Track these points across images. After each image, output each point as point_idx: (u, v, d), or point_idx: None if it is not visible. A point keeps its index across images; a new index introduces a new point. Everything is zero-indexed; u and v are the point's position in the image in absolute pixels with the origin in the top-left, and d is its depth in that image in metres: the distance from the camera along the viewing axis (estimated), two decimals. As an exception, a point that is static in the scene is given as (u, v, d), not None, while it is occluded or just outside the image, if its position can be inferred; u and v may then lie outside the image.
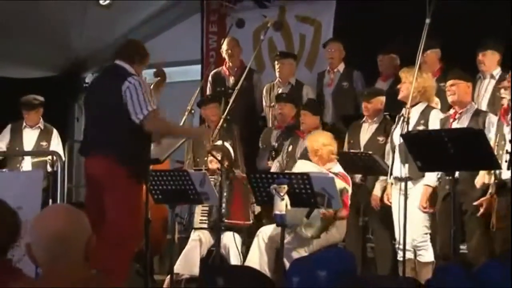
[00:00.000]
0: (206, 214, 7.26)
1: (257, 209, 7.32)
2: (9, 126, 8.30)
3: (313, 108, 7.56)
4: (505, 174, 5.89)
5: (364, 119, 7.12)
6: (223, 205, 7.00)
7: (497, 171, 5.95)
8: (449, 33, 7.24)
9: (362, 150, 6.86)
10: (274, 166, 7.42)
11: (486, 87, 7.00)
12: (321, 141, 6.80)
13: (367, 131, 7.05)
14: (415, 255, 6.37)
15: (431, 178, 6.29)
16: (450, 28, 7.20)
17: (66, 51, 9.79)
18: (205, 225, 7.17)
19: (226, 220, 7.06)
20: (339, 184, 6.40)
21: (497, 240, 6.05)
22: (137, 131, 5.33)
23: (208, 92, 8.58)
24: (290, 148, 7.42)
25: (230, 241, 6.98)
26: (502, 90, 6.30)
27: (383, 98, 7.10)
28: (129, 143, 5.34)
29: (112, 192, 5.23)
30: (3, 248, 2.89)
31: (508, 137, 5.88)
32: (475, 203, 6.03)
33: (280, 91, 8.26)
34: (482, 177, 6.04)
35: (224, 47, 8.61)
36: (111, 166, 5.26)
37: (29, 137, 8.25)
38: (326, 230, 6.54)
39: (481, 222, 6.13)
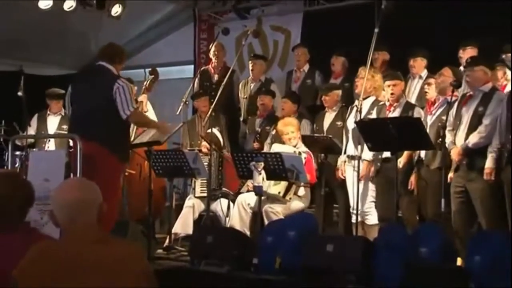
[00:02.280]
0: (205, 185, 7.22)
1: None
2: (36, 115, 8.25)
3: (293, 97, 7.55)
4: (422, 152, 5.95)
5: (326, 109, 7.15)
6: (217, 177, 7.05)
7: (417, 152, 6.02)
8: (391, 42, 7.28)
9: (325, 134, 6.88)
10: (266, 148, 7.37)
11: (415, 85, 7.08)
12: (289, 128, 6.82)
13: (328, 118, 7.08)
14: (363, 219, 6.39)
15: (368, 154, 6.27)
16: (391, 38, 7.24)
17: (84, 53, 9.72)
18: (205, 194, 7.11)
19: (224, 188, 7.06)
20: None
21: (422, 205, 6.10)
22: (120, 122, 5.35)
23: (196, 85, 8.53)
24: (274, 132, 7.40)
25: (225, 206, 6.97)
26: (426, 86, 6.38)
27: (339, 92, 7.17)
28: (114, 131, 5.35)
29: (99, 171, 5.04)
30: (23, 213, 2.86)
31: (428, 124, 5.92)
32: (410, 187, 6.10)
33: (252, 86, 8.26)
34: (404, 159, 6.07)
35: (212, 49, 8.59)
36: (99, 149, 5.21)
37: (53, 123, 8.20)
38: (291, 190, 6.55)
39: (408, 192, 6.17)
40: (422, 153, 5.97)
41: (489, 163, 5.38)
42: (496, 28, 7.01)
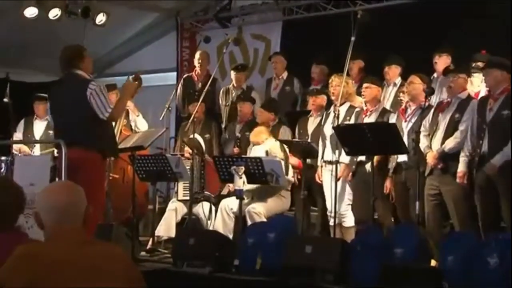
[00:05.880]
0: (188, 189, 7.18)
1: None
2: (23, 120, 8.17)
3: (268, 106, 7.46)
4: (400, 158, 5.91)
5: (310, 113, 7.04)
6: (201, 180, 7.06)
7: (394, 157, 6.01)
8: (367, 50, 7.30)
9: (309, 138, 6.80)
10: (248, 153, 7.34)
11: (390, 92, 7.04)
12: (263, 136, 6.83)
13: (313, 123, 6.97)
14: (340, 221, 6.39)
15: (346, 158, 6.24)
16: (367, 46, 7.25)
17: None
18: (187, 197, 7.07)
19: (206, 192, 7.03)
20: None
21: (398, 209, 6.11)
22: (102, 122, 5.32)
23: (179, 91, 8.47)
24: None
25: (207, 209, 6.94)
26: (401, 94, 6.40)
27: (325, 97, 7.10)
28: (99, 132, 5.31)
29: (90, 172, 5.10)
30: (14, 217, 2.83)
31: (405, 131, 5.92)
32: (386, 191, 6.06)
33: (234, 93, 8.21)
34: (377, 158, 6.07)
35: (197, 56, 8.55)
36: (90, 155, 5.22)
37: (39, 128, 8.11)
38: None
39: (384, 195, 6.17)
40: (400, 158, 5.95)
41: (461, 167, 5.42)
42: (468, 37, 7.08)
